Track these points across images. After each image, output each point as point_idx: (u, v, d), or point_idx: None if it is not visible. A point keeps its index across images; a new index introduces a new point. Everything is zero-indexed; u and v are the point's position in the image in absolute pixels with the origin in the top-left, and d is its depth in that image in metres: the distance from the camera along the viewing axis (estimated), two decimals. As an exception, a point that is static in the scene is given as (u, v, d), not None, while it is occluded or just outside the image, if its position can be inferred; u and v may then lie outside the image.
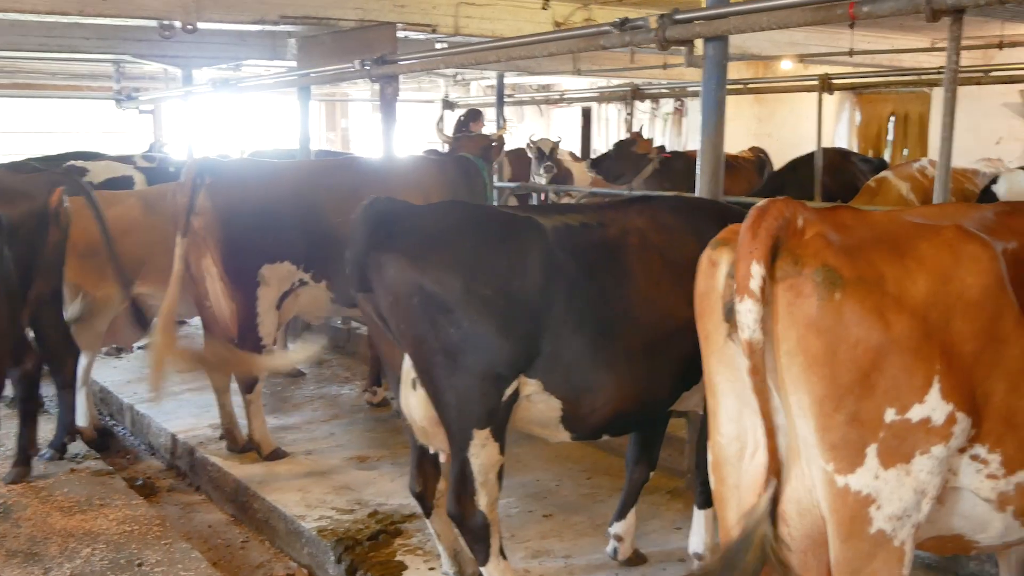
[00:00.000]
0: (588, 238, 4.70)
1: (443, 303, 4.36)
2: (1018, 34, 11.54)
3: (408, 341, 4.50)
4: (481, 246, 4.51)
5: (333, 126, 25.99)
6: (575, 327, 4.52)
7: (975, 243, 3.04)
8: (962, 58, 13.39)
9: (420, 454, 5.04)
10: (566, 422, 4.70)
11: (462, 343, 4.37)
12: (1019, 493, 3.18)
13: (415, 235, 4.52)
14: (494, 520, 4.66)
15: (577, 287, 4.54)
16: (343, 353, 10.59)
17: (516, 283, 4.43)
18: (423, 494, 5.11)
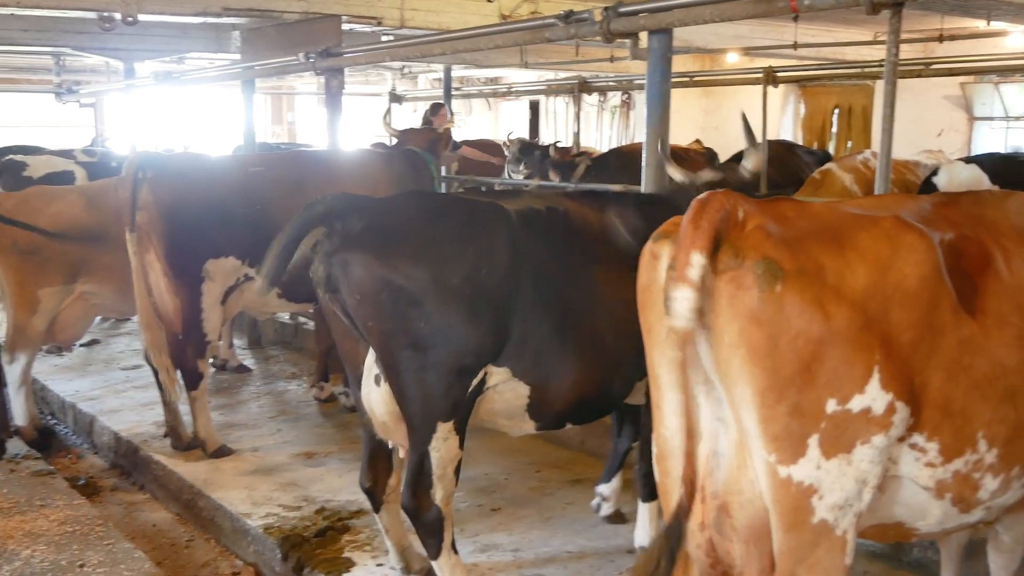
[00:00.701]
0: (553, 222, 4.72)
1: (413, 297, 4.33)
2: (958, 27, 11.73)
3: (376, 337, 4.46)
4: (448, 236, 4.48)
5: (279, 119, 25.76)
6: (542, 312, 4.53)
7: (913, 234, 3.07)
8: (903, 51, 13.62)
9: (372, 449, 5.02)
10: (532, 410, 4.72)
11: (432, 336, 4.35)
12: (957, 480, 3.23)
13: (378, 230, 4.46)
14: (448, 514, 4.67)
15: (543, 271, 4.55)
16: (290, 349, 10.51)
17: (484, 270, 4.42)
18: (373, 489, 5.09)
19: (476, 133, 22.01)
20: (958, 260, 3.28)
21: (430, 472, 4.53)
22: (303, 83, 21.44)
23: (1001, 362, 3.20)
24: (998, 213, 3.69)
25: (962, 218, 3.51)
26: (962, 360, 3.12)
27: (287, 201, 7.06)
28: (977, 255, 3.35)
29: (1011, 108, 15.99)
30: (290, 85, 22.30)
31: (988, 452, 3.24)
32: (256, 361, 10.05)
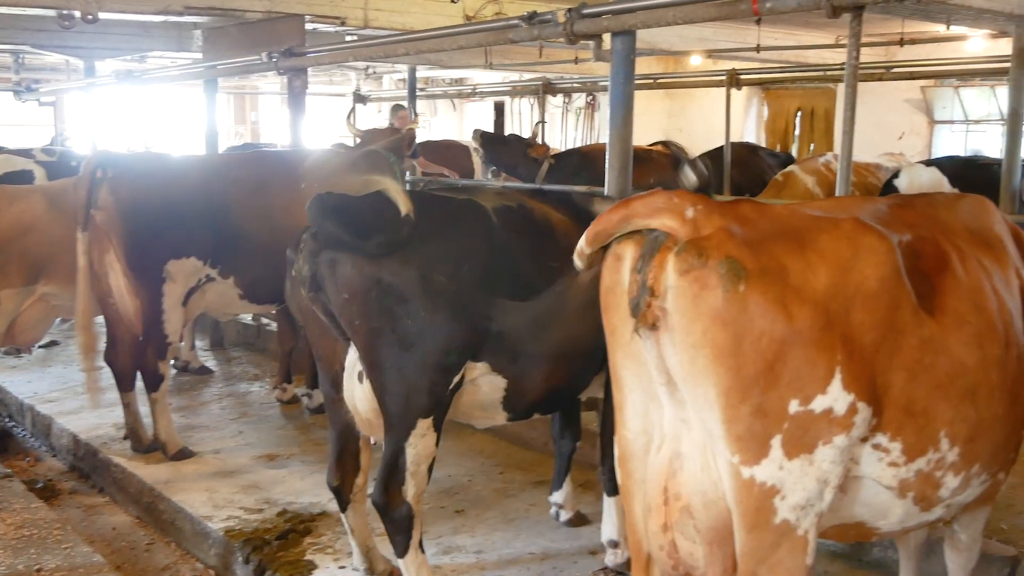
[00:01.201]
0: (524, 218, 4.81)
1: (401, 295, 4.36)
2: (919, 31, 11.85)
3: (362, 335, 4.47)
4: (433, 233, 4.51)
5: (243, 119, 25.55)
6: (520, 306, 4.57)
7: (873, 235, 3.10)
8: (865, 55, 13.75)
9: (340, 448, 5.02)
10: (507, 402, 4.79)
11: (418, 333, 4.38)
12: (919, 480, 3.26)
13: (365, 229, 4.47)
14: (418, 513, 4.68)
15: (520, 266, 4.63)
16: (253, 350, 10.43)
17: (467, 267, 4.48)
18: (341, 488, 5.08)
19: (441, 134, 21.98)
20: (916, 261, 3.31)
21: (404, 468, 4.55)
22: (267, 83, 21.28)
23: (961, 361, 3.24)
24: (951, 215, 3.75)
25: (918, 220, 3.56)
26: (923, 360, 3.14)
27: (249, 202, 7.04)
28: (934, 256, 3.39)
29: (970, 112, 16.20)
30: (253, 85, 22.13)
31: (950, 451, 3.27)
32: (218, 362, 9.97)
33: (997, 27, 8.59)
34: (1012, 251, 3.83)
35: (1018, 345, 3.49)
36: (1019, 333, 3.53)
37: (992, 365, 3.33)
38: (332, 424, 5.01)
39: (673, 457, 3.12)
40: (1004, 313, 3.45)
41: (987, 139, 15.85)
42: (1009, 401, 3.43)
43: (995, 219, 3.88)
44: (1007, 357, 3.41)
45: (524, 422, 5.73)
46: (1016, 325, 3.52)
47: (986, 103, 15.99)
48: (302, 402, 8.27)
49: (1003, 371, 3.38)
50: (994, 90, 15.37)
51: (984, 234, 3.76)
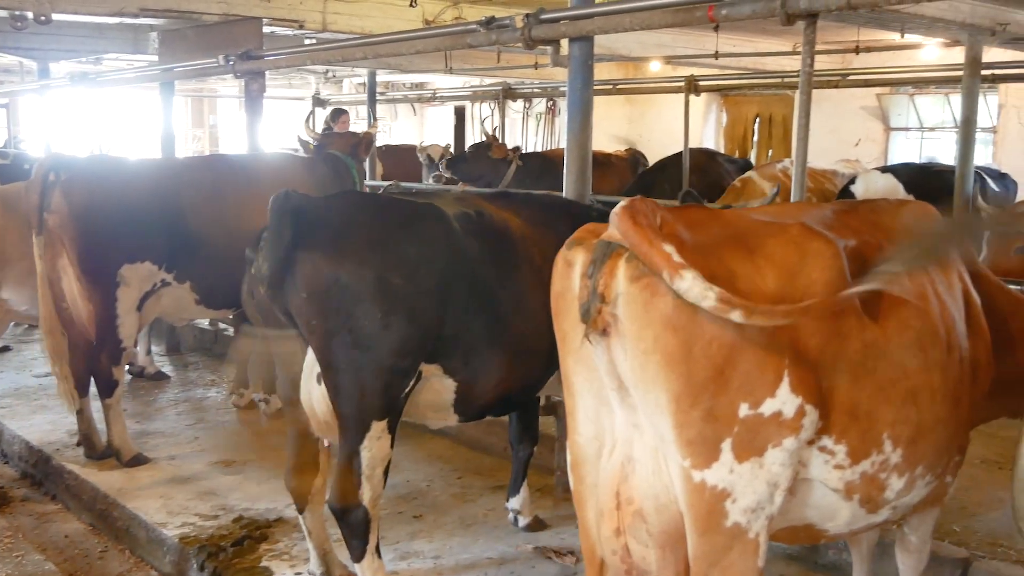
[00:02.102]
0: (484, 224, 4.82)
1: (359, 296, 4.36)
2: (874, 40, 11.99)
3: (318, 335, 4.45)
4: (392, 235, 4.53)
5: (201, 123, 25.30)
6: (475, 311, 4.63)
7: (819, 240, 3.13)
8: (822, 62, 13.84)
9: (299, 449, 4.99)
10: (458, 405, 4.81)
11: (374, 335, 4.38)
12: (864, 481, 3.29)
13: (326, 229, 4.48)
14: (375, 517, 4.68)
15: (477, 272, 4.65)
16: (210, 355, 10.33)
17: (425, 270, 4.49)
18: (299, 490, 5.05)
19: (401, 139, 21.92)
20: (862, 266, 3.34)
21: (359, 471, 4.54)
22: (225, 86, 21.11)
23: (903, 365, 3.28)
24: (894, 221, 3.80)
25: (862, 225, 3.61)
26: (866, 364, 3.18)
27: (205, 206, 6.99)
28: (877, 261, 3.42)
29: (925, 119, 16.42)
30: (212, 88, 21.93)
31: (893, 452, 3.32)
32: (174, 368, 9.87)
33: (950, 36, 8.72)
34: (955, 256, 3.89)
35: (960, 349, 3.55)
36: (961, 337, 3.59)
37: (934, 368, 3.38)
38: (291, 425, 4.99)
39: (625, 461, 3.13)
40: (946, 317, 3.50)
41: (941, 146, 16.06)
42: (952, 404, 3.48)
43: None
44: (949, 361, 3.46)
45: (483, 427, 5.77)
46: (958, 329, 3.58)
47: (940, 111, 16.21)
48: (259, 407, 8.20)
49: (945, 374, 3.43)
50: (948, 98, 15.58)
51: None
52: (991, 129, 15.16)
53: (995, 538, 5.58)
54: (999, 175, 11.02)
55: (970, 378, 3.62)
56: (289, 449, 5.05)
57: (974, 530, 5.70)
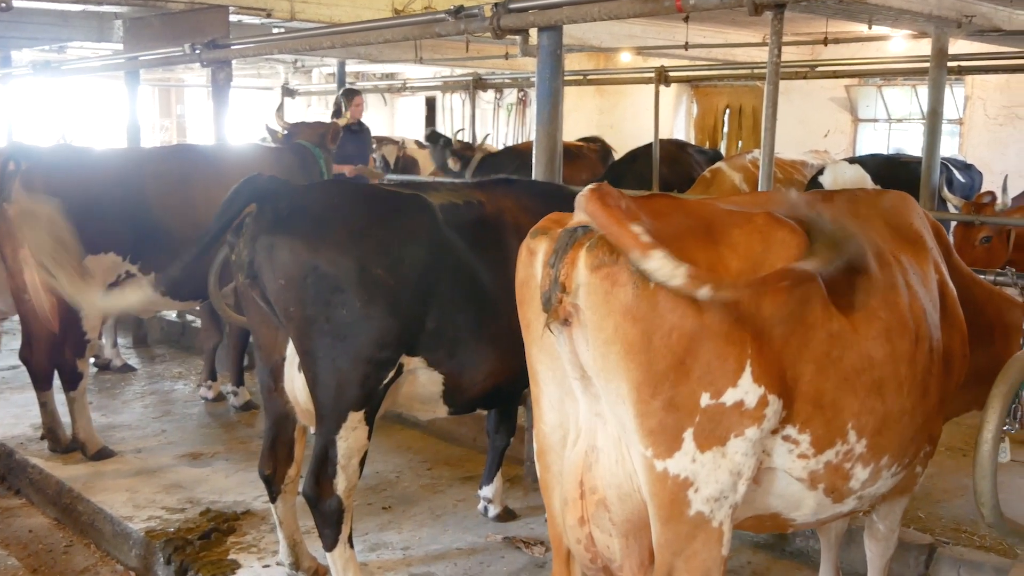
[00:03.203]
0: (471, 215, 4.79)
1: (338, 284, 4.33)
2: (843, 31, 12.06)
3: (296, 323, 4.42)
4: (374, 225, 4.49)
5: (168, 112, 25.08)
6: (460, 304, 4.59)
7: (785, 229, 3.12)
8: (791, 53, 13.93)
9: (274, 437, 4.97)
10: (447, 396, 4.79)
11: (353, 324, 4.35)
12: (828, 471, 3.29)
13: (306, 216, 4.46)
14: (349, 507, 4.66)
15: (463, 264, 4.62)
16: (178, 347, 10.25)
17: (408, 261, 4.46)
18: (272, 478, 5.03)
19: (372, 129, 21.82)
20: None
21: (335, 461, 4.52)
22: (193, 75, 20.92)
23: (869, 355, 3.28)
24: (871, 210, 3.80)
25: (836, 215, 3.59)
26: (832, 353, 3.17)
27: (171, 196, 6.93)
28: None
29: (893, 110, 16.54)
30: (179, 77, 21.74)
31: (858, 443, 3.31)
32: (141, 360, 9.78)
33: (917, 28, 8.78)
34: (932, 247, 3.90)
35: (931, 340, 3.54)
36: (933, 328, 3.58)
37: (901, 359, 3.38)
38: (267, 413, 4.95)
39: (588, 451, 3.13)
40: (916, 308, 3.49)
41: (909, 137, 16.18)
42: (919, 395, 3.48)
43: (916, 215, 3.95)
44: (917, 352, 3.45)
45: (452, 418, 5.73)
46: (930, 320, 3.57)
47: (908, 102, 16.33)
48: (228, 400, 8.16)
49: (913, 366, 3.43)
50: (915, 89, 15.71)
51: (904, 230, 3.81)
52: (957, 121, 15.30)
53: (959, 524, 5.65)
54: (965, 166, 11.12)
55: (942, 369, 3.62)
56: (264, 437, 5.03)
57: (939, 516, 5.76)
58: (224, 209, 4.54)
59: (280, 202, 4.48)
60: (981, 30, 8.02)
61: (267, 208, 4.47)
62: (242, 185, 4.54)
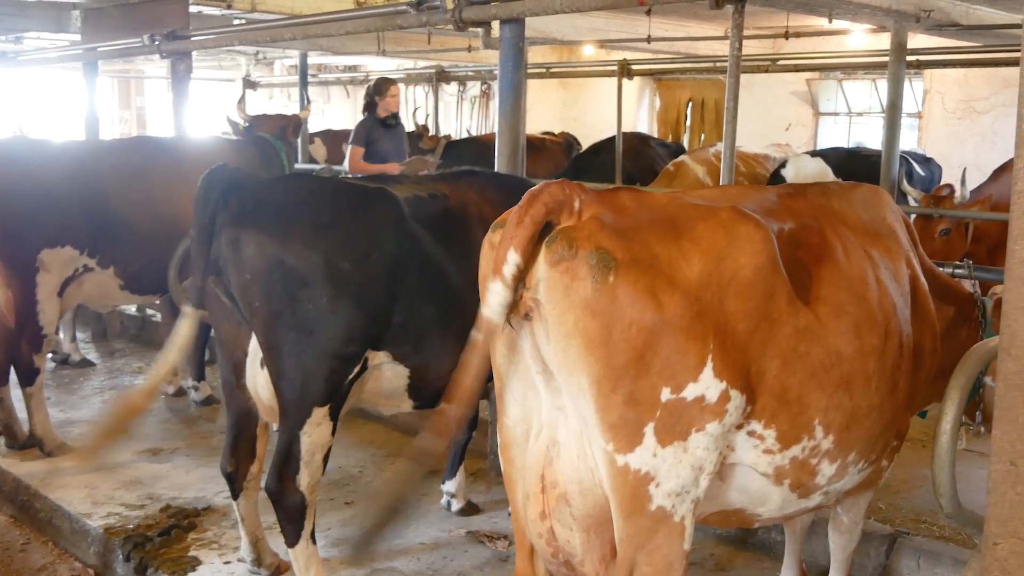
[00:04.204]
0: (436, 208, 4.75)
1: (304, 279, 4.29)
2: (804, 25, 12.11)
3: (261, 318, 4.37)
4: (340, 218, 4.46)
5: (128, 104, 24.73)
6: (426, 297, 4.57)
7: (749, 224, 3.11)
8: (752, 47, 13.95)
9: (236, 434, 4.93)
10: (412, 391, 4.76)
11: (319, 319, 4.31)
12: (794, 467, 3.30)
13: (272, 209, 4.41)
14: (312, 503, 4.62)
15: (429, 257, 4.59)
16: (137, 342, 10.14)
17: (374, 255, 4.43)
18: (234, 475, 4.99)
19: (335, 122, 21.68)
20: (797, 250, 3.35)
21: (298, 457, 4.48)
22: (153, 66, 20.62)
23: (836, 350, 3.27)
24: (843, 204, 3.81)
25: (807, 209, 3.60)
26: (798, 348, 3.17)
27: (129, 189, 6.86)
28: (817, 245, 3.43)
29: (853, 104, 16.67)
30: (138, 69, 21.43)
31: (824, 439, 3.32)
32: (100, 355, 9.66)
33: (876, 22, 8.83)
34: (904, 241, 3.92)
35: (900, 335, 3.55)
36: (903, 323, 3.59)
37: (869, 354, 3.38)
38: (229, 410, 4.91)
39: (550, 445, 3.12)
40: (886, 303, 3.50)
41: (869, 130, 16.32)
42: (887, 390, 3.49)
43: (888, 209, 3.96)
44: (886, 347, 3.46)
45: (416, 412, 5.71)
46: (899, 315, 3.58)
47: (868, 96, 16.47)
48: (188, 395, 8.08)
49: (881, 360, 3.43)
50: (875, 83, 15.83)
51: (875, 224, 3.83)
52: (916, 114, 15.45)
53: (919, 515, 5.71)
54: (924, 159, 11.24)
55: (911, 364, 3.63)
56: (226, 434, 4.98)
57: (899, 507, 5.82)
58: (201, 201, 4.44)
59: (245, 195, 4.43)
60: (939, 25, 8.11)
61: (232, 201, 4.41)
62: (212, 174, 4.47)
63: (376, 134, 10.14)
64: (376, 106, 10.22)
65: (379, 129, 10.17)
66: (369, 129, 10.19)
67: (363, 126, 10.26)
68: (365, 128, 10.21)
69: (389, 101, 10.19)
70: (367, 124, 10.24)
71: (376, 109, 10.22)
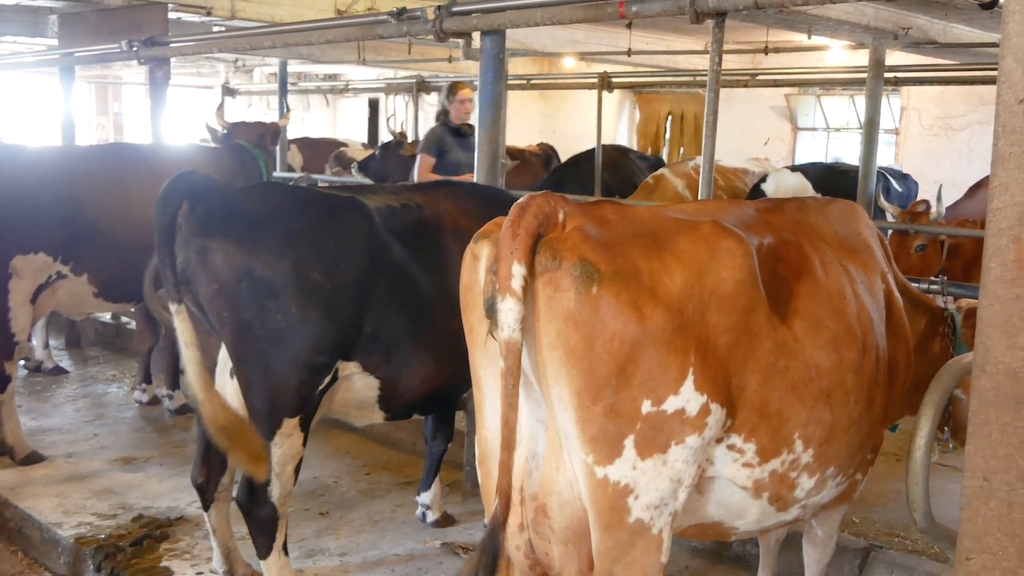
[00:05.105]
0: (409, 218, 4.73)
1: (273, 288, 4.25)
2: (783, 40, 12.20)
3: (230, 328, 4.33)
4: (310, 228, 4.41)
5: (105, 110, 24.60)
6: (397, 308, 4.54)
7: (731, 238, 3.11)
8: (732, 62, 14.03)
9: (207, 445, 4.86)
10: (383, 402, 4.72)
11: (288, 329, 4.27)
12: (773, 481, 3.30)
13: (241, 218, 4.36)
14: (283, 514, 4.59)
15: (400, 268, 4.56)
16: (112, 350, 10.05)
17: (344, 266, 4.39)
18: (205, 486, 4.95)
19: (314, 130, 21.65)
20: (776, 264, 3.36)
21: (269, 468, 4.44)
22: (131, 72, 20.55)
23: (816, 364, 3.28)
24: (820, 219, 3.83)
25: (784, 224, 3.61)
26: (778, 363, 3.17)
27: (105, 196, 6.80)
28: (795, 260, 3.44)
29: (831, 119, 16.80)
30: (116, 74, 21.33)
31: (804, 452, 3.32)
32: (74, 362, 9.57)
33: (855, 39, 8.90)
34: (879, 256, 3.94)
35: (876, 349, 3.57)
36: (879, 337, 3.61)
37: (848, 369, 3.39)
38: (199, 419, 4.85)
39: (529, 457, 3.10)
40: (863, 317, 3.52)
41: (846, 146, 16.44)
42: (865, 404, 3.50)
43: (864, 224, 3.99)
44: (864, 361, 3.47)
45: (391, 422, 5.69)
46: (876, 330, 3.60)
47: (846, 111, 16.60)
48: (163, 403, 8.01)
49: (859, 375, 3.44)
50: (853, 99, 15.96)
51: (852, 239, 3.85)
52: (894, 130, 15.57)
53: (892, 528, 5.73)
54: (901, 175, 11.33)
55: (887, 379, 3.65)
56: (197, 444, 4.94)
57: (873, 521, 5.84)
58: (162, 203, 4.40)
59: (213, 203, 4.38)
60: (917, 42, 8.19)
61: (199, 209, 4.36)
62: (175, 180, 4.43)
63: (448, 143, 9.17)
64: (448, 112, 9.31)
65: (451, 137, 9.18)
66: (440, 137, 9.23)
67: (433, 134, 9.38)
68: (435, 136, 9.30)
69: (458, 107, 9.22)
70: (438, 132, 9.32)
71: (449, 116, 9.29)
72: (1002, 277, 2.03)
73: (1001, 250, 2.00)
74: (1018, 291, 2.00)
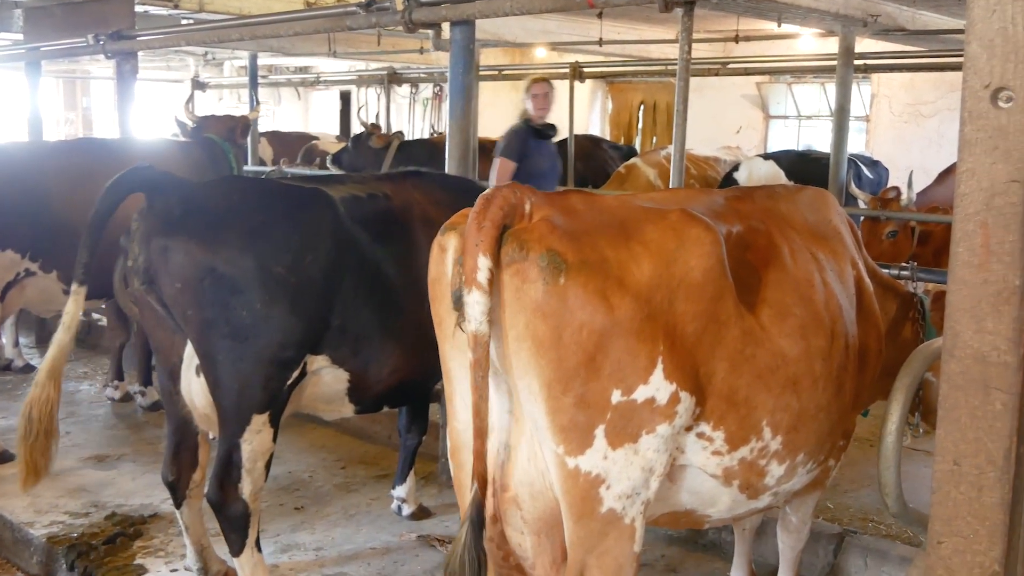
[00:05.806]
0: (376, 209, 4.69)
1: (236, 285, 4.20)
2: (754, 29, 12.23)
3: (194, 326, 4.29)
4: (273, 222, 4.36)
5: (74, 105, 24.34)
6: (364, 299, 4.50)
7: (699, 227, 3.11)
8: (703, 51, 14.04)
9: (177, 442, 4.85)
10: (352, 395, 4.70)
11: (254, 326, 4.23)
12: (743, 468, 3.31)
13: (200, 215, 4.31)
14: (255, 511, 4.56)
15: (367, 259, 4.52)
16: (83, 347, 9.94)
17: (309, 259, 4.34)
18: (176, 484, 4.90)
19: (285, 124, 21.52)
20: (745, 252, 3.36)
21: (239, 465, 4.42)
22: (99, 67, 20.32)
23: (783, 352, 3.29)
24: (790, 207, 3.84)
25: (754, 212, 3.62)
26: (745, 351, 3.18)
27: (73, 192, 6.73)
28: (764, 248, 3.45)
29: (803, 107, 16.85)
30: (84, 69, 21.10)
31: (773, 440, 3.33)
32: (44, 360, 9.46)
33: (824, 26, 8.92)
34: (849, 243, 3.96)
35: (846, 336, 3.58)
36: (849, 324, 3.62)
37: (815, 356, 3.40)
38: (169, 418, 4.83)
39: (500, 448, 3.10)
40: (832, 305, 3.53)
41: (818, 134, 16.51)
42: (834, 391, 3.51)
43: (834, 211, 4.00)
44: (832, 348, 3.48)
45: (366, 416, 5.68)
46: (845, 317, 3.61)
47: (817, 99, 16.65)
48: (135, 400, 7.95)
49: (828, 362, 3.45)
50: (824, 87, 16.02)
51: (821, 226, 3.86)
52: (864, 118, 15.64)
53: (866, 514, 5.77)
54: (872, 162, 11.39)
55: (857, 365, 3.67)
56: (167, 442, 4.90)
57: (847, 506, 5.88)
58: (105, 195, 4.40)
59: (171, 200, 4.33)
60: (886, 29, 8.22)
61: (158, 206, 4.32)
62: (128, 173, 4.39)
63: (530, 147, 8.04)
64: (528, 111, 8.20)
65: (534, 140, 8.10)
66: (524, 140, 8.07)
67: (516, 135, 8.12)
68: (519, 138, 8.08)
69: (536, 103, 8.10)
70: (521, 134, 8.11)
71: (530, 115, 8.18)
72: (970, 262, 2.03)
73: (968, 235, 2.00)
74: (985, 276, 2.00)
